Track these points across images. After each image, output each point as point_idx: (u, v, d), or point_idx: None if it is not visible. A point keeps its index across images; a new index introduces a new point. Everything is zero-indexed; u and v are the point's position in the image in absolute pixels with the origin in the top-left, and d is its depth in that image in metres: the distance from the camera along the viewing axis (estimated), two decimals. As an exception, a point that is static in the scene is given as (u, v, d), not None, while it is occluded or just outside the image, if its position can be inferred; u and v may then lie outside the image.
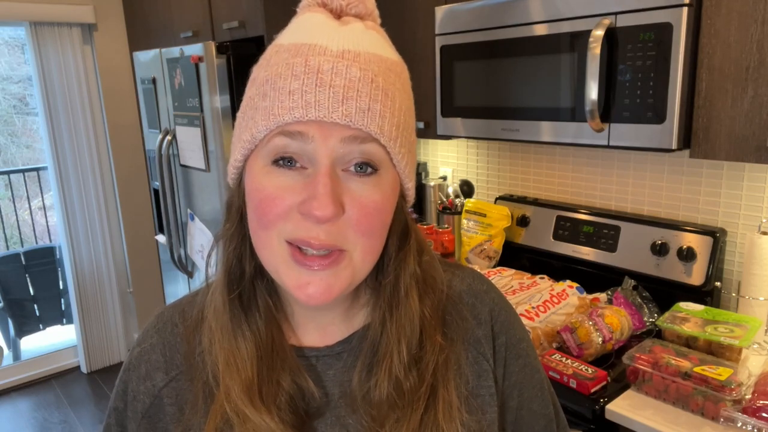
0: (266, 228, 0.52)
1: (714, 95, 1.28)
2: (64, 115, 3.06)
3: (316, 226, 0.50)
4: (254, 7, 2.14)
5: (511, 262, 2.02)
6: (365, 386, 0.58)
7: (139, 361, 0.63)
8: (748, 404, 1.15)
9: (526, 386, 0.68)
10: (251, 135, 0.52)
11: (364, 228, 0.52)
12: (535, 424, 0.70)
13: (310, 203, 0.49)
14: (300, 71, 0.50)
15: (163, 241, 2.79)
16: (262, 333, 0.58)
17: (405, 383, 0.57)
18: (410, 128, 0.56)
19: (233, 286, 0.58)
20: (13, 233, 4.23)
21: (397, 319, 0.58)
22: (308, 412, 0.59)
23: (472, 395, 0.62)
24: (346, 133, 0.50)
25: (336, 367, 0.61)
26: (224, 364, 0.57)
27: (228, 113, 2.19)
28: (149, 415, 0.61)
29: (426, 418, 0.57)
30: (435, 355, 0.59)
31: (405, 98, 0.55)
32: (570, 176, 1.96)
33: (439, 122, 1.85)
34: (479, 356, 0.64)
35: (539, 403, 0.70)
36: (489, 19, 1.62)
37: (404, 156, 0.55)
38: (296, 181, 0.51)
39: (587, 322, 1.43)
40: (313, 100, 0.49)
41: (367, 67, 0.51)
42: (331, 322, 0.62)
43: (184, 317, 0.64)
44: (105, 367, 3.44)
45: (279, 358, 0.58)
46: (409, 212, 0.60)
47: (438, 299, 0.62)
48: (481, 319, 0.65)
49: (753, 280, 1.46)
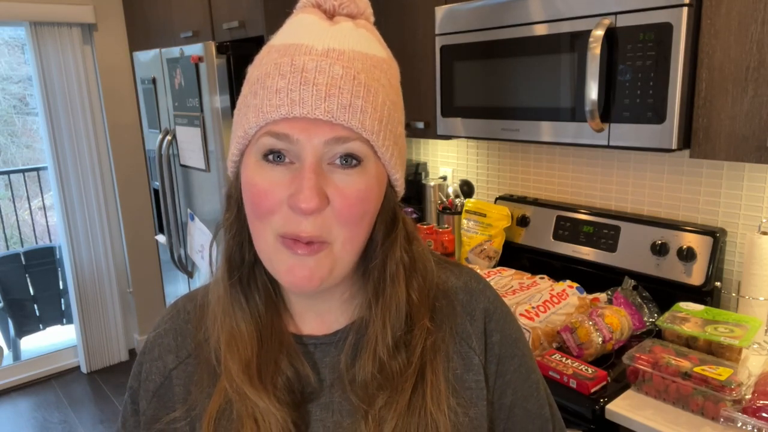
0: (260, 220, 0.56)
1: (714, 95, 1.28)
2: (64, 115, 3.06)
3: (304, 219, 0.54)
4: (254, 7, 2.14)
5: (511, 262, 2.02)
6: (352, 368, 0.61)
7: (153, 344, 0.68)
8: (748, 404, 1.15)
9: (520, 385, 0.69)
10: (244, 131, 0.56)
11: (346, 217, 0.55)
12: (529, 424, 0.70)
13: (297, 197, 0.53)
14: (286, 70, 0.53)
15: (163, 241, 2.79)
16: (262, 316, 0.62)
17: (391, 365, 0.59)
18: (395, 121, 0.58)
19: (234, 272, 0.62)
20: (13, 233, 4.23)
21: (383, 303, 0.60)
22: (304, 394, 0.62)
23: (459, 384, 0.64)
24: (330, 134, 0.53)
25: (332, 354, 0.64)
26: (226, 344, 0.60)
27: (228, 113, 2.19)
28: (159, 394, 0.66)
29: (414, 401, 0.59)
30: (422, 338, 0.61)
31: (390, 93, 0.58)
32: (570, 176, 1.96)
33: (439, 122, 1.85)
34: (470, 350, 0.65)
35: (534, 402, 0.71)
36: (489, 19, 1.62)
37: (389, 148, 0.57)
38: (285, 175, 0.54)
39: (587, 322, 1.43)
40: (297, 98, 0.52)
41: (350, 65, 0.54)
42: (328, 311, 0.65)
43: (195, 305, 0.68)
44: (105, 367, 3.44)
45: (278, 341, 0.62)
46: (398, 202, 0.63)
47: (427, 285, 0.64)
48: (474, 316, 0.67)
49: (753, 280, 1.46)
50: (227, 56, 2.15)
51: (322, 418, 0.62)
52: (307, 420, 0.61)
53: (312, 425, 0.62)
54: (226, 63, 2.16)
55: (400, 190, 0.62)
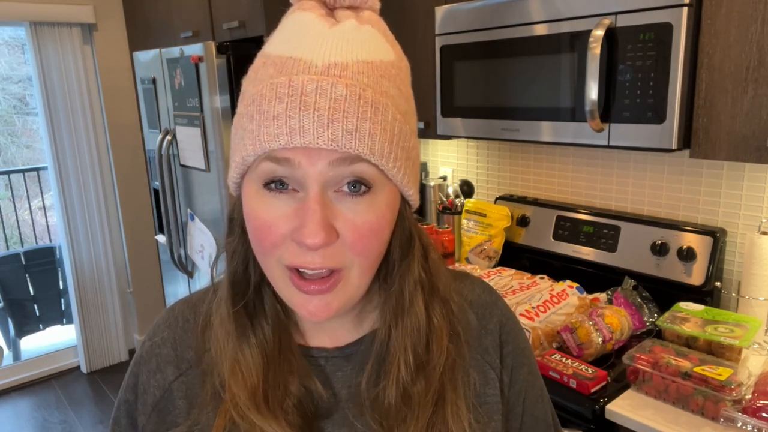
0: (265, 254, 0.53)
1: (714, 95, 1.28)
2: (64, 115, 3.06)
3: (311, 252, 0.50)
4: (254, 7, 2.14)
5: (511, 262, 2.02)
6: (373, 391, 0.58)
7: (149, 354, 0.64)
8: (748, 404, 1.15)
9: (529, 393, 0.69)
10: (242, 158, 0.52)
11: (360, 249, 0.52)
12: (536, 430, 0.71)
13: (302, 231, 0.49)
14: (284, 93, 0.49)
15: (163, 241, 2.79)
16: (268, 339, 0.59)
17: (412, 389, 0.57)
18: (407, 135, 0.53)
19: (238, 298, 0.59)
20: (13, 233, 4.23)
21: (403, 328, 0.58)
22: (316, 413, 0.60)
23: (478, 401, 0.63)
24: (334, 156, 0.49)
25: (345, 369, 0.62)
26: (230, 372, 0.57)
27: (228, 113, 2.19)
28: (159, 408, 0.62)
29: (434, 421, 0.57)
30: (442, 359, 0.59)
31: (401, 103, 0.53)
32: (570, 176, 1.96)
33: (439, 122, 1.85)
34: (486, 365, 0.65)
35: (540, 409, 0.71)
36: (489, 19, 1.62)
37: (400, 168, 0.52)
38: (288, 205, 0.51)
39: (587, 322, 1.43)
40: (297, 126, 0.48)
41: (355, 82, 0.49)
42: (340, 326, 0.63)
43: (195, 314, 0.64)
44: (105, 367, 3.44)
45: (286, 361, 0.59)
46: (412, 217, 0.60)
47: (444, 302, 0.62)
48: (489, 329, 0.66)
49: (753, 280, 1.46)
50: (227, 56, 2.15)
51: None
52: None
53: None
54: (226, 63, 2.16)
55: (415, 204, 0.59)
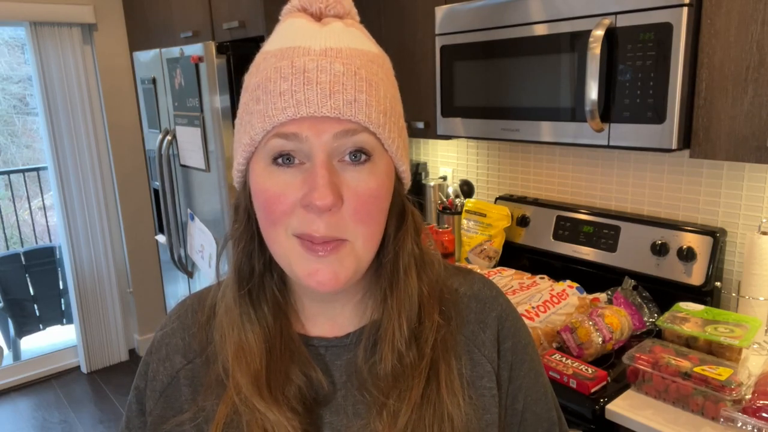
0: (274, 224, 0.56)
1: (714, 95, 1.28)
2: (64, 115, 3.05)
3: (318, 218, 0.53)
4: (254, 7, 2.14)
5: (511, 262, 2.02)
6: (370, 360, 0.61)
7: (160, 344, 0.68)
8: (748, 404, 1.15)
9: (531, 390, 0.70)
10: (250, 138, 0.56)
11: (362, 215, 0.55)
12: (538, 427, 0.71)
13: (311, 195, 0.52)
14: (288, 72, 0.54)
15: (163, 241, 2.79)
16: (270, 326, 0.61)
17: (406, 357, 0.59)
18: (397, 114, 0.59)
19: (243, 283, 0.62)
20: (13, 233, 4.23)
21: (397, 295, 0.61)
22: (316, 400, 0.62)
23: (472, 387, 0.64)
24: (337, 128, 0.53)
25: (345, 357, 0.63)
26: (234, 356, 0.60)
27: (228, 113, 2.19)
28: (167, 395, 0.65)
29: (428, 392, 0.59)
30: (433, 332, 0.61)
31: (389, 87, 0.58)
32: (570, 176, 1.96)
33: (439, 122, 1.85)
34: (482, 357, 0.66)
35: (543, 406, 0.71)
36: (489, 19, 1.62)
37: (394, 140, 0.57)
38: (296, 177, 0.54)
39: (587, 322, 1.43)
40: (302, 98, 0.52)
41: (350, 62, 0.55)
42: (341, 314, 0.65)
43: (202, 306, 0.68)
44: (105, 367, 3.43)
45: (287, 349, 0.61)
46: (405, 194, 0.63)
47: (435, 278, 0.64)
48: (487, 323, 0.67)
49: (753, 280, 1.46)
50: (227, 56, 2.15)
51: (331, 422, 0.61)
52: (318, 425, 0.61)
53: (323, 430, 0.61)
54: (226, 63, 2.16)
55: (407, 182, 0.63)
